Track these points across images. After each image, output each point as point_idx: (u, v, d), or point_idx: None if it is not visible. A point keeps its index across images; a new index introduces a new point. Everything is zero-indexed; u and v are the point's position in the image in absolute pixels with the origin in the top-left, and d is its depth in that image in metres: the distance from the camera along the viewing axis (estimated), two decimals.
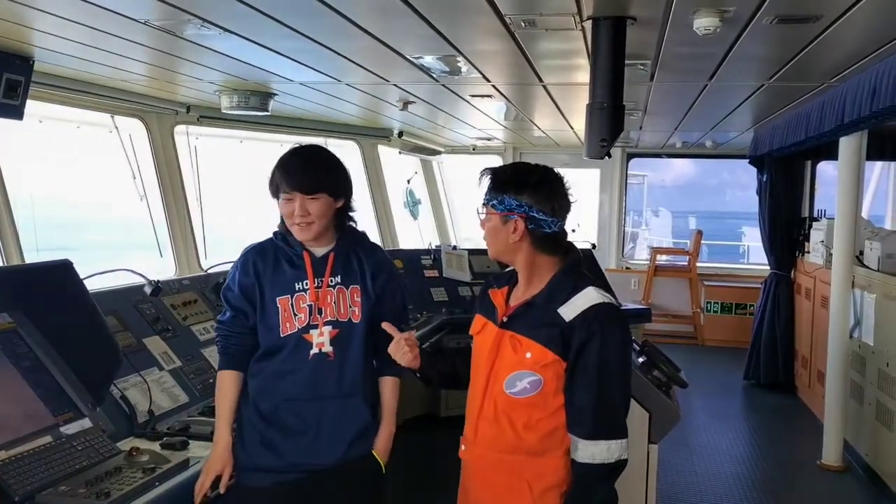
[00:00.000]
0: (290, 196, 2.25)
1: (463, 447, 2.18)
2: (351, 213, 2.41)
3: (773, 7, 2.63)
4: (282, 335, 2.28)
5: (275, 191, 2.30)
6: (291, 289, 2.29)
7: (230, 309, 2.35)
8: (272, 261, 2.34)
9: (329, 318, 2.29)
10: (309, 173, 2.28)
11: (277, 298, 2.29)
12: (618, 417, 2.01)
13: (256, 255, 2.35)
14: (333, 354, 2.28)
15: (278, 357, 2.29)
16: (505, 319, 2.08)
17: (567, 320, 1.97)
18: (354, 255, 2.38)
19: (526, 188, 2.01)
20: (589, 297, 2.00)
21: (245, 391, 2.34)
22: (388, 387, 2.44)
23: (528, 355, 2.00)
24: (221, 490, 2.26)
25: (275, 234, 2.38)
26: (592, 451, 1.97)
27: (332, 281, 2.32)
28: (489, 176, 2.09)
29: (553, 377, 1.99)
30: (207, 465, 2.28)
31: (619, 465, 2.00)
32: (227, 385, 2.34)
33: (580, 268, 2.09)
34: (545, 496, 2.02)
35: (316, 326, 2.28)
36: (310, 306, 2.28)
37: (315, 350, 2.27)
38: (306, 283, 2.30)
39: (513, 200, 2.01)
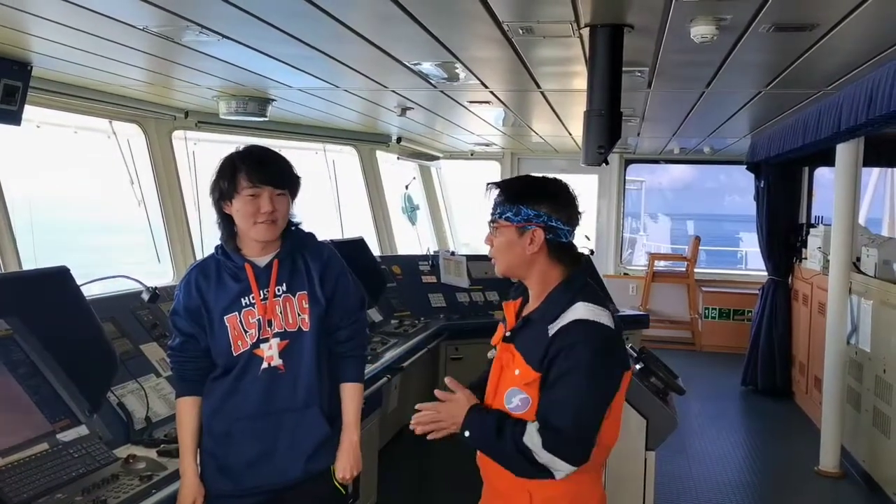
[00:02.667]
0: (257, 191, 2.15)
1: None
2: (294, 220, 2.30)
3: (769, 15, 2.64)
4: (235, 354, 2.20)
5: (229, 190, 2.16)
6: (238, 305, 2.21)
7: (179, 334, 2.25)
8: (215, 277, 2.24)
9: (277, 330, 2.21)
10: (279, 166, 2.22)
11: (225, 317, 2.20)
12: (571, 439, 1.85)
13: (199, 274, 2.25)
14: (284, 367, 2.20)
15: (230, 376, 2.21)
16: (508, 333, 2.04)
17: (549, 335, 1.90)
18: (300, 258, 2.28)
19: (544, 198, 1.97)
20: (575, 312, 1.91)
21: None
22: (348, 393, 2.33)
23: (517, 372, 1.95)
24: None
25: (216, 248, 2.28)
26: (534, 438, 1.85)
27: (278, 290, 2.22)
28: (497, 189, 2.02)
29: (539, 396, 1.93)
30: (179, 501, 2.21)
31: (539, 469, 1.86)
32: (185, 413, 2.25)
33: (581, 281, 2.00)
34: None
35: (266, 340, 2.20)
36: (259, 320, 2.20)
37: (265, 364, 2.20)
38: (252, 297, 2.20)
39: (530, 210, 1.95)
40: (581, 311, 1.92)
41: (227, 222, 2.24)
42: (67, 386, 2.55)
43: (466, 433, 1.96)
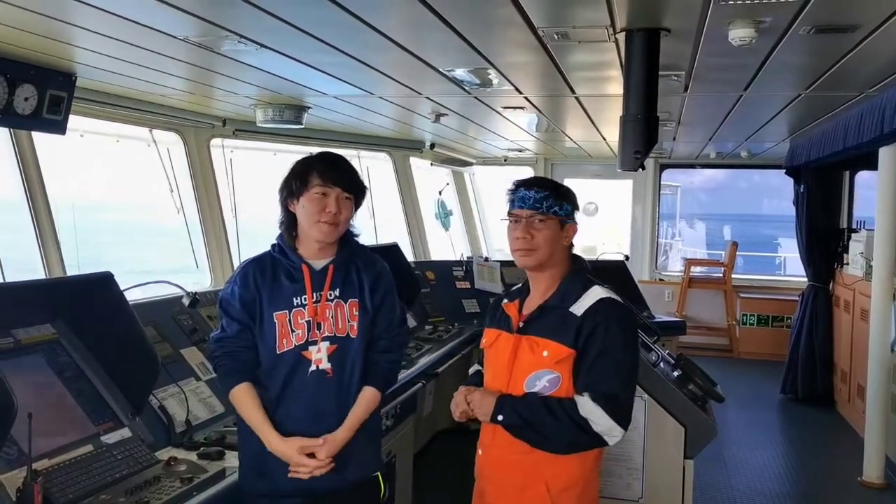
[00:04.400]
0: (327, 190, 2.19)
1: (480, 451, 2.25)
2: (354, 231, 2.34)
3: (810, 17, 2.60)
4: (278, 352, 2.21)
5: (300, 187, 2.21)
6: (290, 304, 2.22)
7: (236, 323, 2.25)
8: (270, 274, 2.26)
9: (327, 334, 2.22)
10: (350, 172, 2.27)
11: (275, 314, 2.21)
12: (624, 405, 2.07)
13: (256, 268, 2.27)
14: (332, 371, 2.21)
15: (277, 375, 2.21)
16: (521, 325, 2.18)
17: (578, 315, 2.11)
18: (354, 267, 2.31)
19: (572, 198, 2.23)
20: (596, 293, 2.15)
21: None
22: (364, 396, 2.26)
23: (546, 354, 2.10)
24: (322, 456, 2.15)
25: (273, 246, 2.31)
26: (591, 409, 2.03)
27: (330, 295, 2.24)
28: (537, 185, 2.19)
29: (570, 373, 2.10)
30: (288, 454, 2.15)
31: (594, 438, 2.05)
32: (246, 397, 2.21)
33: (586, 273, 2.25)
34: (562, 496, 2.09)
35: (315, 342, 2.21)
36: (308, 322, 2.21)
37: (313, 367, 2.20)
38: (305, 298, 2.22)
39: (569, 206, 2.20)
40: (600, 291, 2.16)
41: (290, 221, 2.28)
42: (111, 389, 2.60)
43: (500, 417, 2.10)
